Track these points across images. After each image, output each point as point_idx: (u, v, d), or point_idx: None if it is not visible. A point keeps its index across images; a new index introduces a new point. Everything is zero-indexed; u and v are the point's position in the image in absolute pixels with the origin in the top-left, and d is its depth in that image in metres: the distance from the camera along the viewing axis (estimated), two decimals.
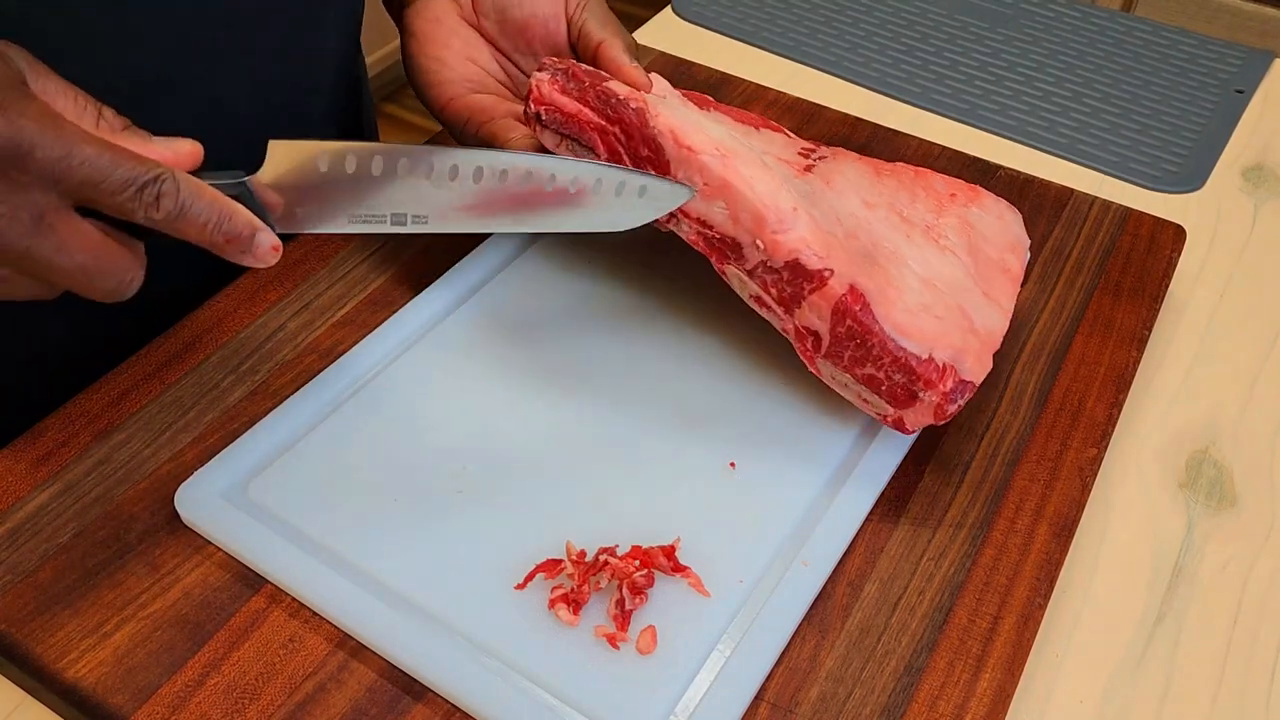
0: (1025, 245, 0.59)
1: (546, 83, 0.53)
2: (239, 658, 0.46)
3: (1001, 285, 0.56)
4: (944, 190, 0.59)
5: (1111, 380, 0.60)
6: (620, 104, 0.52)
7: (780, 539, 0.51)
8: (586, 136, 0.53)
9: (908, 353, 0.50)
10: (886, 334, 0.50)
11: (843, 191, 0.56)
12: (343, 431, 0.55)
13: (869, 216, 0.55)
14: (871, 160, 0.61)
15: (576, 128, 0.53)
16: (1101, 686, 0.50)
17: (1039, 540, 0.52)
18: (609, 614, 0.47)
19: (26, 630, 0.47)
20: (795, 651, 0.48)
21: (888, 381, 0.51)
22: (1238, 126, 0.85)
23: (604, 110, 0.52)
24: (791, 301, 0.52)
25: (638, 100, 0.52)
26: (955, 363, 0.50)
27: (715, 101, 0.61)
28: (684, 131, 0.51)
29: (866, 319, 0.50)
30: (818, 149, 0.60)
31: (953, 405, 0.50)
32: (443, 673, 0.45)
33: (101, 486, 0.52)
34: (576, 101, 0.53)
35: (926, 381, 0.50)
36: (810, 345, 0.53)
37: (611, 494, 0.52)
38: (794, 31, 0.94)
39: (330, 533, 0.50)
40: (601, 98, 0.52)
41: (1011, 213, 0.60)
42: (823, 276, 0.50)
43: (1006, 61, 0.91)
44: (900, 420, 0.52)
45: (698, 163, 0.51)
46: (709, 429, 0.56)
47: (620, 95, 0.52)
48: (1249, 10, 1.52)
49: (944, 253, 0.55)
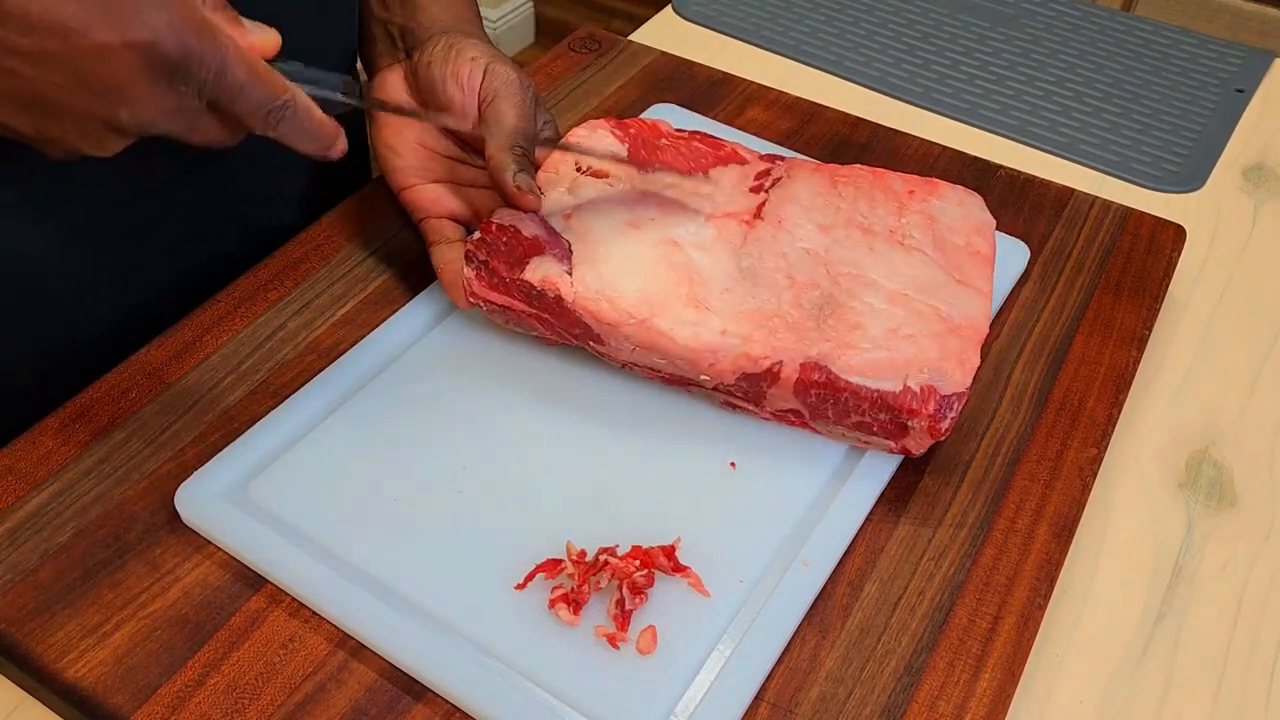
0: (990, 226, 0.59)
1: (474, 279, 0.56)
2: (239, 658, 0.46)
3: (974, 269, 0.56)
4: (902, 189, 0.60)
5: (1111, 380, 0.60)
6: (539, 295, 0.54)
7: (780, 539, 0.51)
8: (526, 323, 0.56)
9: (881, 392, 0.51)
10: (855, 384, 0.51)
11: (796, 225, 0.57)
12: (343, 431, 0.55)
13: (826, 243, 0.56)
14: (828, 167, 0.61)
15: (515, 317, 0.56)
16: (1101, 686, 0.50)
17: (1039, 540, 0.52)
18: (609, 614, 0.47)
19: (26, 630, 0.47)
20: (795, 651, 0.48)
21: (875, 423, 0.52)
22: (1238, 126, 0.85)
23: (529, 301, 0.55)
24: (757, 399, 0.54)
25: (551, 287, 0.54)
26: (934, 381, 0.51)
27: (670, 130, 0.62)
28: (600, 311, 0.53)
29: (829, 381, 0.51)
30: (774, 166, 0.61)
31: (945, 422, 0.51)
32: (443, 673, 0.45)
33: (101, 486, 0.52)
34: (504, 295, 0.55)
35: (909, 412, 0.51)
36: (795, 420, 0.54)
37: (611, 494, 0.52)
38: (794, 30, 0.94)
39: (330, 533, 0.50)
40: (522, 290, 0.55)
41: (971, 197, 0.60)
42: (773, 372, 0.52)
43: (1007, 61, 0.91)
44: (905, 448, 0.53)
45: (622, 333, 0.53)
46: (709, 429, 0.56)
47: (536, 286, 0.54)
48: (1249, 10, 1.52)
49: (910, 253, 0.56)
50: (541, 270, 0.54)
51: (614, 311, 0.53)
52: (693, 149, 0.61)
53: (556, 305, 0.54)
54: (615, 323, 0.53)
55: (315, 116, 0.48)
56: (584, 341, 0.55)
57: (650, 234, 0.56)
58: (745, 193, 0.59)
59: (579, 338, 0.55)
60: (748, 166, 0.61)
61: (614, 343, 0.54)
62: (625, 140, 0.61)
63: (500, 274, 0.55)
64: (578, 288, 0.54)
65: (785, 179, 0.60)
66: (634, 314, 0.53)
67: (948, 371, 0.51)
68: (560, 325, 0.55)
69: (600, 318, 0.53)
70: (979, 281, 0.56)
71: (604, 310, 0.53)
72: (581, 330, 0.54)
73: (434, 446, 0.54)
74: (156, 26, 0.41)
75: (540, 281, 0.54)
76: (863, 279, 0.55)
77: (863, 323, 0.53)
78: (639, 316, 0.53)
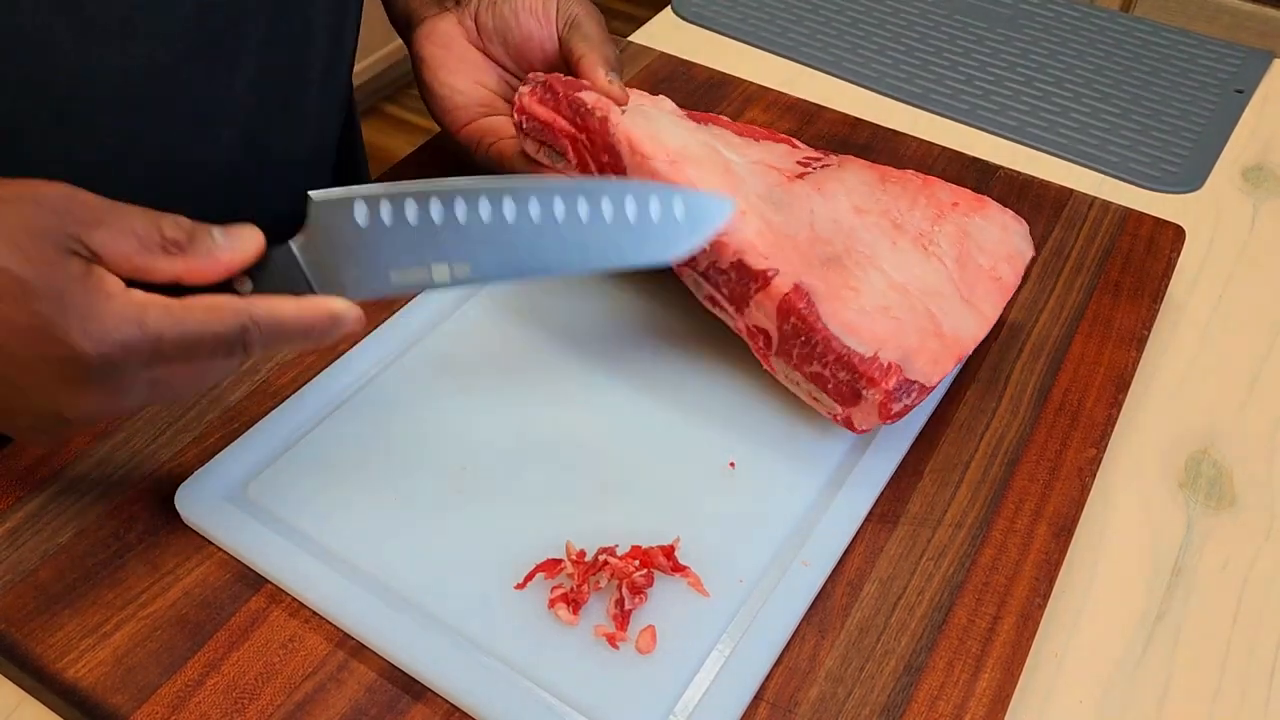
0: (1025, 256, 0.59)
1: (526, 95, 0.58)
2: (239, 657, 0.46)
3: (986, 292, 0.56)
4: (947, 200, 0.59)
5: (1111, 380, 0.60)
6: (587, 112, 0.56)
7: (780, 539, 0.51)
8: (559, 143, 0.57)
9: (851, 350, 0.51)
10: (831, 331, 0.51)
11: (834, 197, 0.57)
12: (343, 431, 0.55)
13: (855, 222, 0.57)
14: (881, 168, 0.61)
15: (551, 135, 0.57)
16: (1101, 686, 0.50)
17: (1038, 540, 0.52)
18: (609, 614, 0.47)
19: (26, 630, 0.47)
20: (795, 651, 0.48)
21: (833, 380, 0.52)
22: (1237, 126, 0.85)
23: (574, 119, 0.56)
24: (740, 301, 0.54)
25: (602, 109, 0.55)
26: (903, 362, 0.51)
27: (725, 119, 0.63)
28: (638, 139, 0.54)
29: (810, 316, 0.51)
30: (825, 157, 0.61)
31: (897, 404, 0.51)
32: (443, 673, 0.45)
33: (102, 486, 0.52)
34: (552, 111, 0.57)
35: (869, 379, 0.51)
36: (762, 343, 0.54)
37: (611, 494, 0.52)
38: (794, 32, 0.94)
39: (330, 533, 0.50)
40: (572, 106, 0.56)
41: (1017, 224, 0.60)
42: (766, 276, 0.52)
43: (1006, 62, 0.91)
44: (849, 419, 0.53)
45: (649, 168, 0.54)
46: (709, 429, 0.56)
47: (588, 104, 0.56)
48: (1249, 10, 1.52)
49: (929, 259, 0.56)
50: (597, 97, 0.56)
51: (652, 144, 0.54)
52: (749, 128, 0.62)
53: (600, 125, 0.55)
54: (649, 155, 0.54)
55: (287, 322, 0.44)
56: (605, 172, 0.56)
57: (699, 135, 0.57)
58: (793, 163, 0.60)
59: (604, 166, 0.56)
60: (799, 150, 0.62)
61: (636, 178, 0.54)
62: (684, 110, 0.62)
63: (556, 90, 0.57)
64: (625, 118, 0.55)
65: (835, 167, 0.60)
66: (670, 153, 0.54)
67: (919, 363, 0.51)
68: (592, 151, 0.56)
69: (636, 146, 0.54)
70: (986, 306, 0.56)
71: (643, 140, 0.54)
72: (610, 159, 0.55)
73: (434, 446, 0.54)
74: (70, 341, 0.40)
75: (594, 102, 0.56)
76: (874, 262, 0.55)
77: (860, 288, 0.53)
78: (674, 158, 0.54)
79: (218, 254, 0.44)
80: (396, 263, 0.46)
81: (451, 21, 0.66)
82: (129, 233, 0.42)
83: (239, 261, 0.44)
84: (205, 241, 0.44)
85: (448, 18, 0.66)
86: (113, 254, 0.42)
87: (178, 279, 0.43)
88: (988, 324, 0.55)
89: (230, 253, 0.44)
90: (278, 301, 0.44)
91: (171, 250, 0.43)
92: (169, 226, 0.43)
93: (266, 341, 0.44)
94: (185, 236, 0.43)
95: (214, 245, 0.44)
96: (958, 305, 0.55)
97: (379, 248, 0.46)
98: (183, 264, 0.43)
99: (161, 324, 0.41)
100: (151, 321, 0.41)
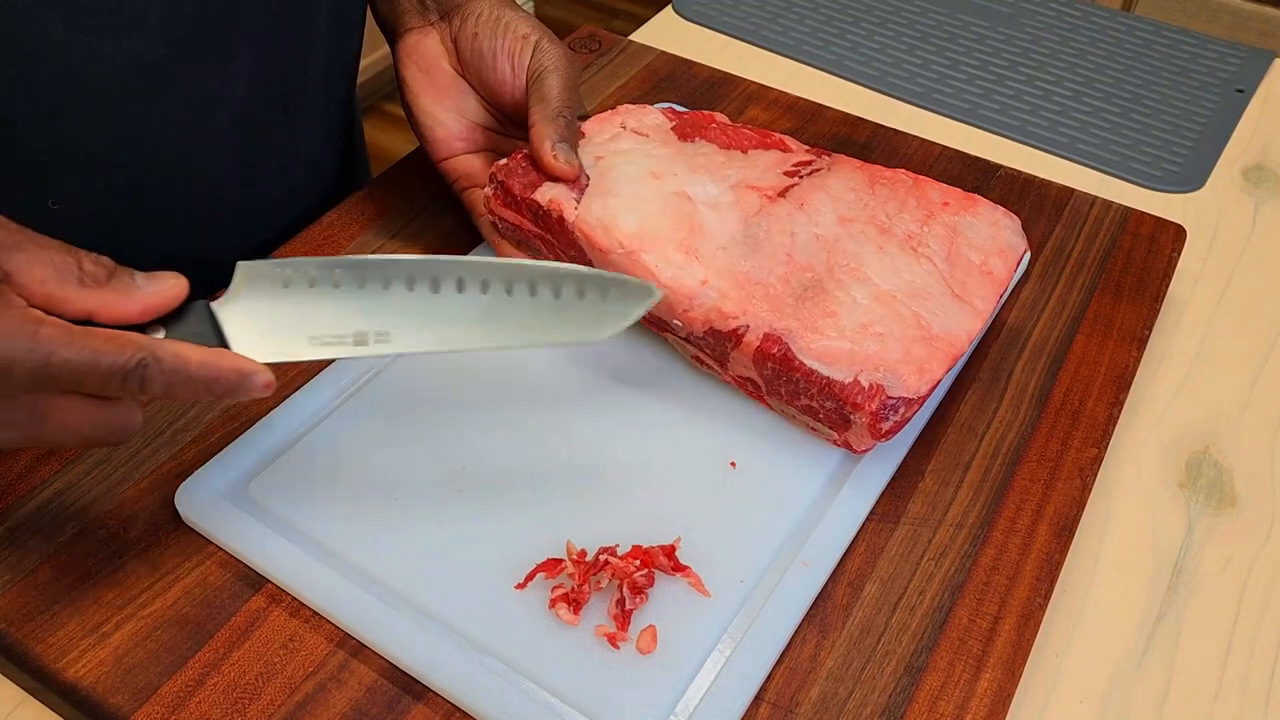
0: (1018, 250, 0.59)
1: (492, 198, 0.60)
2: (239, 657, 0.46)
3: (978, 286, 0.56)
4: (938, 199, 0.59)
5: (1111, 380, 0.60)
6: (545, 214, 0.58)
7: (780, 539, 0.51)
8: (532, 244, 0.60)
9: (830, 380, 0.52)
10: (809, 366, 0.52)
11: (818, 210, 0.58)
12: (343, 431, 0.55)
13: (839, 233, 0.57)
14: (872, 169, 0.61)
15: (523, 235, 0.60)
16: (1102, 686, 0.50)
17: (1039, 540, 0.52)
18: (609, 614, 0.47)
19: (26, 629, 0.47)
20: (795, 651, 0.48)
21: (822, 409, 0.53)
22: (1238, 126, 0.85)
23: (536, 219, 0.58)
24: (721, 359, 0.55)
25: (557, 207, 0.57)
26: (885, 381, 0.51)
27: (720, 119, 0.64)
28: (593, 235, 0.56)
29: (786, 357, 0.52)
30: (816, 160, 0.61)
31: (886, 423, 0.51)
32: (443, 673, 0.45)
33: (102, 485, 0.52)
34: (515, 213, 0.59)
35: (852, 405, 0.51)
36: (751, 389, 0.56)
37: (611, 494, 0.52)
38: (795, 31, 0.94)
39: (330, 532, 0.50)
40: (531, 209, 0.58)
41: (1009, 220, 0.60)
42: (738, 334, 0.53)
43: (1007, 61, 0.91)
44: (847, 442, 0.53)
45: (607, 261, 0.56)
46: (709, 429, 0.56)
47: (543, 205, 0.57)
48: (1249, 10, 1.52)
49: (919, 260, 0.56)
50: (550, 193, 0.58)
51: (607, 238, 0.56)
52: (740, 134, 0.63)
53: (558, 225, 0.57)
54: (606, 249, 0.56)
55: (192, 366, 0.42)
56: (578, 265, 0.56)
57: (667, 185, 0.58)
58: (779, 175, 0.60)
59: (573, 259, 0.58)
60: (790, 155, 0.62)
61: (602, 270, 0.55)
62: (674, 119, 0.63)
63: (514, 193, 0.58)
64: (580, 212, 0.57)
65: (824, 171, 0.60)
66: (625, 244, 0.55)
67: (903, 376, 0.51)
68: (559, 245, 0.58)
69: (593, 242, 0.56)
70: (978, 301, 0.55)
71: (598, 236, 0.56)
72: (576, 253, 0.58)
73: (434, 446, 0.54)
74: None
75: (547, 202, 0.57)
76: (858, 274, 0.55)
77: (838, 312, 0.53)
78: (629, 248, 0.55)
79: (135, 292, 0.42)
80: (315, 331, 0.46)
81: (434, 40, 0.64)
82: (46, 261, 0.41)
83: (156, 303, 0.43)
84: (124, 279, 0.42)
85: (431, 34, 0.64)
86: (26, 279, 0.40)
87: (90, 314, 0.41)
88: (981, 318, 0.55)
89: (149, 294, 0.42)
90: (185, 347, 0.42)
91: (88, 284, 0.41)
92: (89, 261, 0.42)
93: (167, 384, 0.41)
94: (104, 273, 0.42)
95: (133, 284, 0.42)
96: (948, 303, 0.55)
97: (300, 315, 0.45)
98: (97, 297, 0.41)
99: (55, 341, 0.39)
100: (45, 337, 0.39)
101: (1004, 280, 0.57)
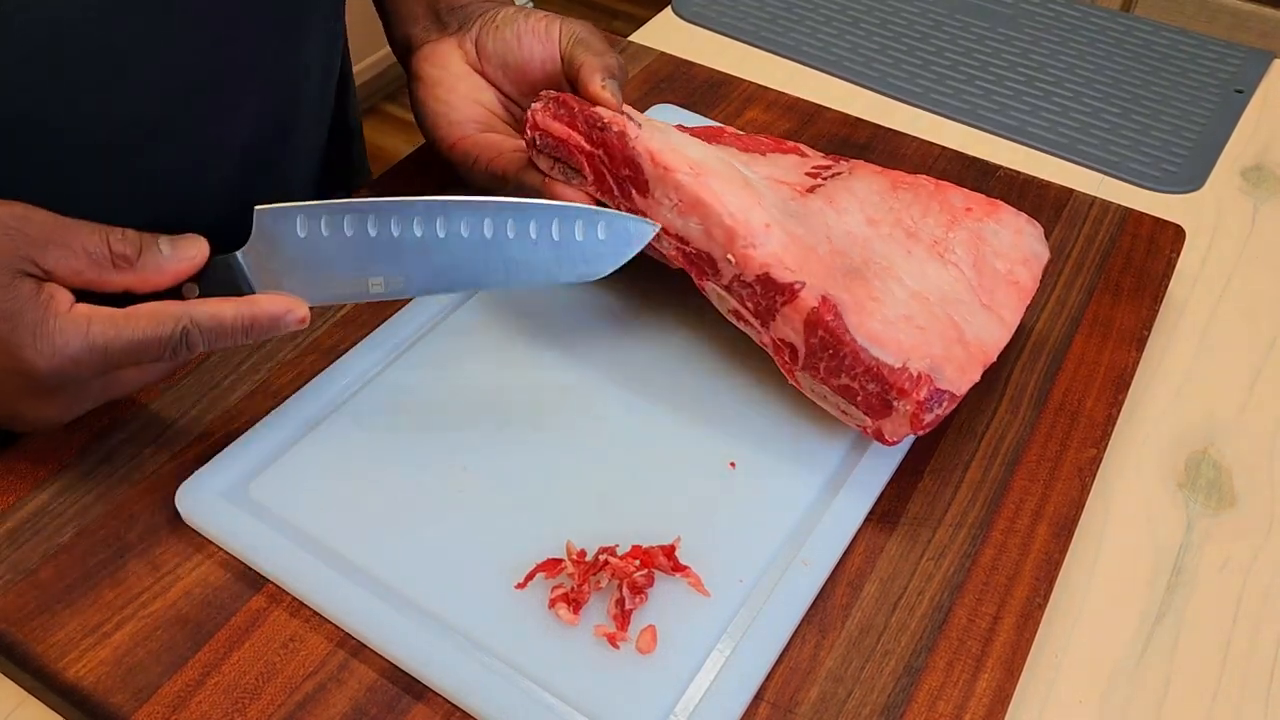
0: (1041, 259, 0.58)
1: (540, 110, 0.56)
2: (239, 657, 0.46)
3: (1005, 297, 0.56)
4: (960, 205, 0.59)
5: (1111, 380, 0.60)
6: (604, 127, 0.55)
7: (780, 539, 0.51)
8: (575, 160, 0.56)
9: (880, 362, 0.50)
10: (859, 344, 0.51)
11: (846, 210, 0.57)
12: (343, 431, 0.55)
13: (869, 234, 0.56)
14: (893, 174, 0.61)
15: (566, 151, 0.56)
16: (1101, 686, 0.50)
17: (1038, 540, 0.52)
18: (609, 614, 0.47)
19: (27, 629, 0.47)
20: (795, 651, 0.48)
21: (862, 392, 0.51)
22: (1238, 126, 0.85)
23: (590, 134, 0.55)
24: (766, 314, 0.53)
25: (619, 124, 0.55)
26: (932, 372, 0.51)
27: (731, 131, 0.63)
28: (660, 152, 0.54)
29: (838, 329, 0.51)
30: (836, 164, 0.61)
31: (929, 415, 0.50)
32: (443, 673, 0.45)
33: (102, 486, 0.52)
34: (566, 127, 0.56)
35: (900, 390, 0.50)
36: (788, 357, 0.54)
37: (611, 494, 0.52)
38: (794, 32, 0.94)
39: (330, 533, 0.50)
40: (588, 122, 0.55)
41: (1032, 227, 0.60)
42: (794, 289, 0.52)
43: (1007, 61, 0.91)
44: (880, 431, 0.52)
45: (673, 180, 0.53)
46: (709, 429, 0.56)
47: (604, 120, 0.55)
48: (1249, 10, 1.52)
49: (946, 266, 0.56)
50: (613, 112, 0.56)
51: (674, 155, 0.53)
52: (756, 140, 0.62)
53: (618, 140, 0.54)
54: (671, 167, 0.53)
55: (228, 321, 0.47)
56: (624, 195, 0.55)
57: (713, 150, 0.56)
58: (801, 175, 0.59)
59: (625, 181, 0.55)
60: (808, 159, 0.61)
61: (658, 193, 0.54)
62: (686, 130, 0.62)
63: (570, 105, 0.56)
64: (644, 132, 0.54)
65: (845, 175, 0.60)
66: (692, 165, 0.53)
67: (948, 372, 0.51)
68: (610, 165, 0.55)
69: (658, 159, 0.53)
70: (1005, 311, 0.55)
71: (664, 152, 0.53)
72: (631, 173, 0.54)
73: (434, 446, 0.54)
74: (24, 357, 0.44)
75: (610, 117, 0.55)
76: (892, 273, 0.55)
77: (882, 299, 0.53)
78: (695, 169, 0.53)
79: (165, 264, 0.47)
80: (334, 273, 0.50)
81: (451, 45, 0.65)
82: (79, 250, 0.45)
83: (185, 270, 0.48)
84: (153, 253, 0.47)
85: (448, 41, 0.65)
86: (65, 271, 0.45)
87: (128, 290, 0.47)
88: (1009, 330, 0.55)
89: (177, 262, 0.48)
90: (218, 303, 0.47)
91: (120, 264, 0.46)
92: (117, 241, 0.46)
93: (210, 341, 0.47)
94: (134, 250, 0.47)
95: (161, 257, 0.47)
96: (978, 312, 0.55)
97: (318, 258, 0.50)
98: (132, 276, 0.47)
99: (106, 335, 0.45)
100: (97, 334, 0.45)
101: (1030, 290, 0.57)
